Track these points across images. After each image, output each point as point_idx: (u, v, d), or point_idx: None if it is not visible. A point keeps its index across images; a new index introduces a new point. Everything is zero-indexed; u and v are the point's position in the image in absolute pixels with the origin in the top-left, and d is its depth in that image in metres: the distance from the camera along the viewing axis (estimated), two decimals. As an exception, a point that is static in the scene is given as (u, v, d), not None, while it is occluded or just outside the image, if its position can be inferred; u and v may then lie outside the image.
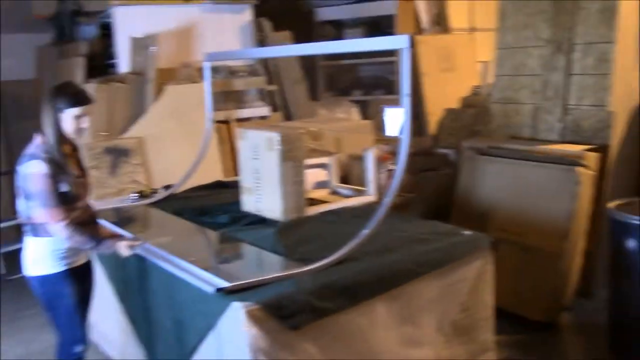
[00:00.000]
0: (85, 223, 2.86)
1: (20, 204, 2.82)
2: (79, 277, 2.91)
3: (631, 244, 3.36)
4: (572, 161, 3.99)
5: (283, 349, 2.33)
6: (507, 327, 3.91)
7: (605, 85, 4.18)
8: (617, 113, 4.17)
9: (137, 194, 4.21)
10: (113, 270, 3.41)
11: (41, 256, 2.82)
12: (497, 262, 3.04)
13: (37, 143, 2.77)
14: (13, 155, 6.63)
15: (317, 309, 2.40)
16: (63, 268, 2.84)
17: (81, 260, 2.94)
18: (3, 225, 5.64)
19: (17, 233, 6.13)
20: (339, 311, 2.46)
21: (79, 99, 2.76)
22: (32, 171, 2.67)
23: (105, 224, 3.43)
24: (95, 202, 4.43)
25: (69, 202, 2.76)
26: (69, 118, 2.74)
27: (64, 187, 2.73)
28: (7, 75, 6.72)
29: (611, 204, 3.59)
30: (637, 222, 3.31)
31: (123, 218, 3.89)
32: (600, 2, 4.19)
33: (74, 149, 2.95)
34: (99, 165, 4.61)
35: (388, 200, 2.66)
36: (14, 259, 5.81)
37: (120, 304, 3.38)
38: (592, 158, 4.00)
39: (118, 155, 4.72)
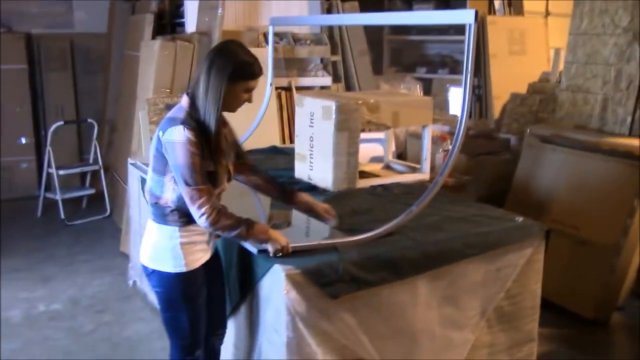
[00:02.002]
0: None
1: (148, 178, 2.38)
2: (207, 275, 2.43)
3: (694, 247, 3.21)
4: (638, 157, 3.82)
5: (321, 317, 2.33)
6: (554, 320, 3.83)
7: (684, 80, 3.97)
8: (694, 110, 3.97)
9: (193, 153, 4.25)
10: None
11: (163, 249, 2.33)
12: (550, 253, 2.95)
13: (183, 106, 2.27)
14: (80, 107, 6.85)
15: (358, 280, 2.38)
16: (189, 268, 2.33)
17: (210, 254, 2.46)
18: (63, 172, 5.82)
19: (78, 180, 6.36)
20: (380, 284, 2.44)
21: (254, 70, 2.27)
22: (177, 139, 2.17)
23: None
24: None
25: (213, 185, 2.27)
26: (239, 90, 2.26)
27: (210, 166, 2.26)
28: (80, 27, 6.90)
29: (677, 204, 3.43)
30: (703, 225, 3.16)
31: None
32: (687, -9, 3.97)
33: (224, 123, 2.43)
34: (159, 121, 4.68)
35: (440, 178, 2.60)
36: (73, 205, 6.04)
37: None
38: (661, 155, 3.82)
39: (178, 113, 4.76)
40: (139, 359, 3.42)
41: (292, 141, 4.89)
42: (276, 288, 2.31)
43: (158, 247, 2.35)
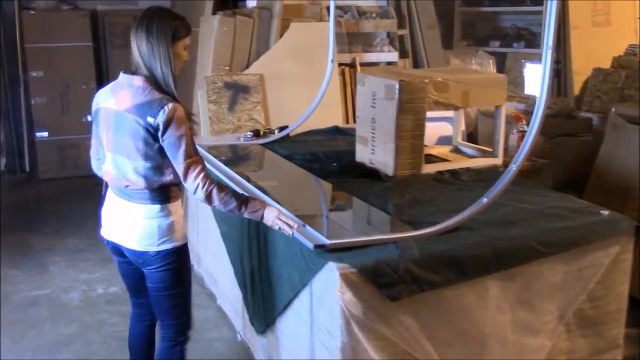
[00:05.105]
0: None
1: (137, 167, 2.21)
2: None
3: None
4: None
5: (378, 320, 2.13)
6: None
7: None
8: None
9: (252, 133, 4.11)
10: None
11: (173, 225, 2.30)
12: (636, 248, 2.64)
13: (148, 87, 2.18)
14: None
15: (420, 280, 2.16)
16: (184, 241, 2.37)
17: None
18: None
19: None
20: (445, 285, 2.21)
21: (188, 26, 2.27)
22: (179, 114, 2.14)
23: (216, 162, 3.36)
24: (211, 137, 4.41)
25: None
26: (179, 49, 2.22)
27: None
28: (144, 3, 6.81)
29: None
30: None
31: (234, 156, 3.81)
32: None
33: None
34: (218, 100, 4.54)
35: (515, 166, 2.33)
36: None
37: (224, 244, 3.29)
38: None
39: (238, 91, 4.61)
40: (192, 346, 3.32)
41: (355, 121, 4.68)
42: (330, 288, 2.12)
43: (164, 227, 2.29)
